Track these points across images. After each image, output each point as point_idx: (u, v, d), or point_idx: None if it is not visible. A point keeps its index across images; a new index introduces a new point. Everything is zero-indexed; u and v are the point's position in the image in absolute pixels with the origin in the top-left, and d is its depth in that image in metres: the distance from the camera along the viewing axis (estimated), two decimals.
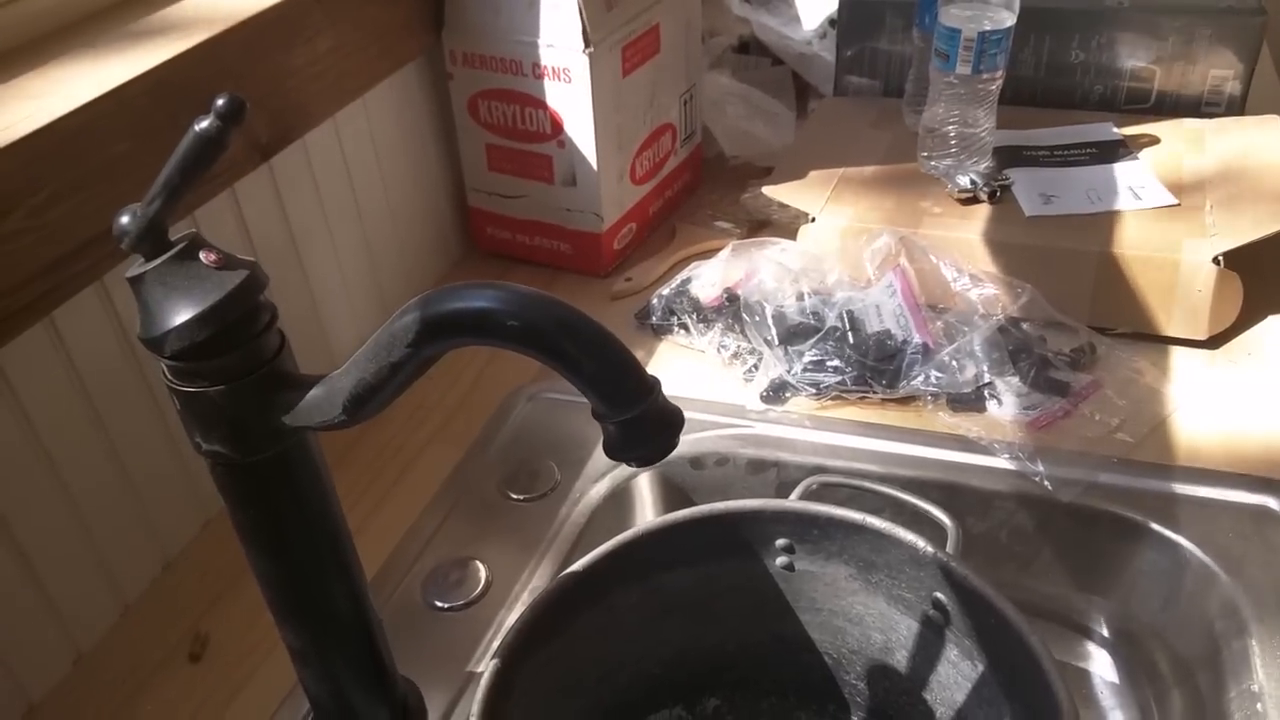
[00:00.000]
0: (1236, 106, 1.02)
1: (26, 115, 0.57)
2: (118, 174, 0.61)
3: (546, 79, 0.88)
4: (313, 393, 0.43)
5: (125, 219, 0.41)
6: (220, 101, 0.38)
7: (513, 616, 0.66)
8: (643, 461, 0.41)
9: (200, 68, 0.65)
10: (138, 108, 0.62)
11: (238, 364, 0.42)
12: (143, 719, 0.62)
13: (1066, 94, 1.05)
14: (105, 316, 0.64)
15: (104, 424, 0.65)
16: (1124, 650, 0.72)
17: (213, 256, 0.42)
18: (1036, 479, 0.71)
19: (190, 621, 0.68)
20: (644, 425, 0.40)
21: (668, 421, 0.40)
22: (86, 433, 0.65)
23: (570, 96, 0.88)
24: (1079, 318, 0.84)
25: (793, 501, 0.63)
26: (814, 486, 0.67)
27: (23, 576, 0.62)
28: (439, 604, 0.67)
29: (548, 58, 0.87)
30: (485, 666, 0.52)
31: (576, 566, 0.59)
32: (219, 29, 0.67)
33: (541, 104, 0.90)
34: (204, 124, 0.39)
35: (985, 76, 0.89)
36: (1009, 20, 0.87)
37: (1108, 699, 0.72)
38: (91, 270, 0.61)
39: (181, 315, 0.41)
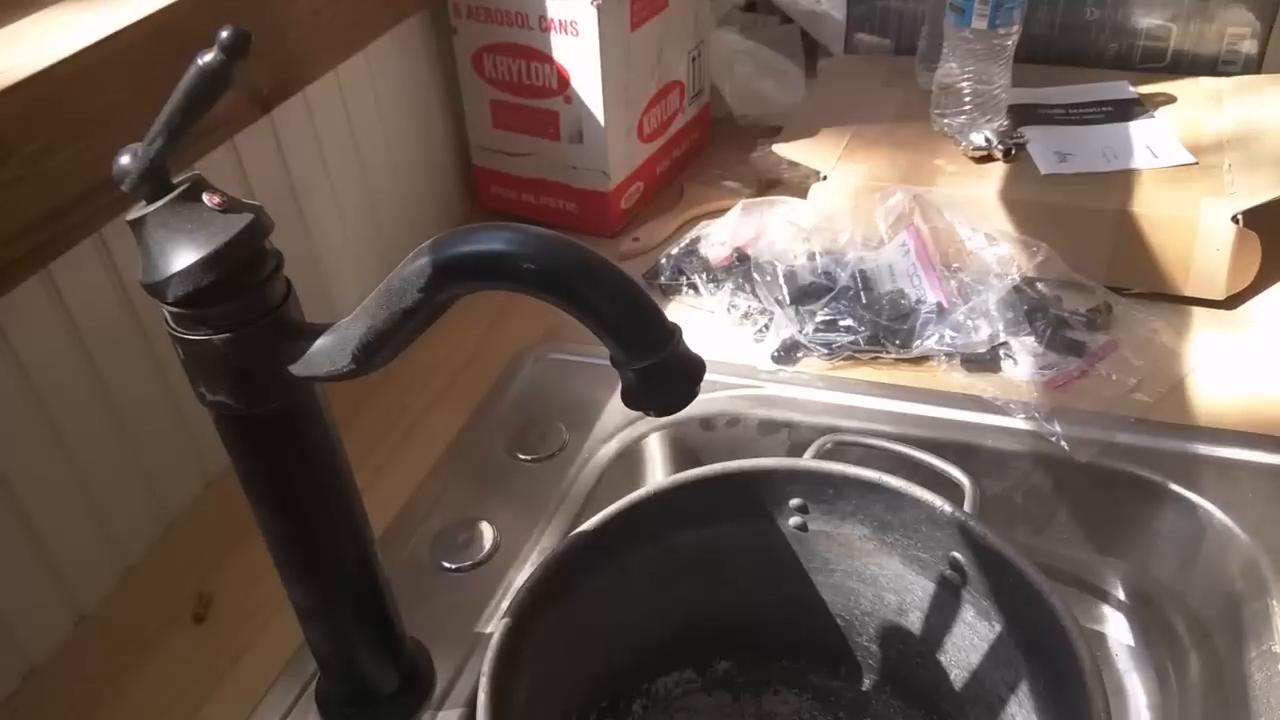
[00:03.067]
0: (1254, 65, 1.00)
1: (21, 61, 0.55)
2: (115, 122, 0.59)
3: (554, 32, 0.86)
4: (320, 341, 0.42)
5: (126, 159, 0.40)
6: (224, 34, 0.36)
7: (522, 577, 0.65)
8: (662, 411, 0.40)
9: (199, 14, 0.64)
10: (135, 55, 0.60)
11: (243, 311, 0.41)
12: (146, 680, 0.61)
13: (1081, 52, 1.04)
14: (103, 269, 0.63)
15: (103, 381, 0.64)
16: (1141, 613, 0.72)
17: (216, 199, 0.41)
18: (1053, 439, 0.70)
19: (193, 582, 0.67)
20: (664, 373, 0.38)
21: (689, 370, 0.39)
22: (85, 390, 0.63)
23: (578, 50, 0.86)
24: (1095, 277, 0.82)
25: (807, 460, 0.62)
26: (828, 445, 0.66)
27: (23, 536, 0.60)
28: (447, 565, 0.66)
29: (555, 10, 0.85)
30: (495, 626, 0.51)
31: (587, 526, 0.58)
32: None
33: (548, 58, 0.88)
34: (207, 58, 0.37)
35: (1001, 31, 0.87)
36: None
37: (1124, 662, 0.71)
38: (89, 221, 0.59)
39: (185, 259, 0.39)
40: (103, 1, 0.62)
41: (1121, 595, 0.72)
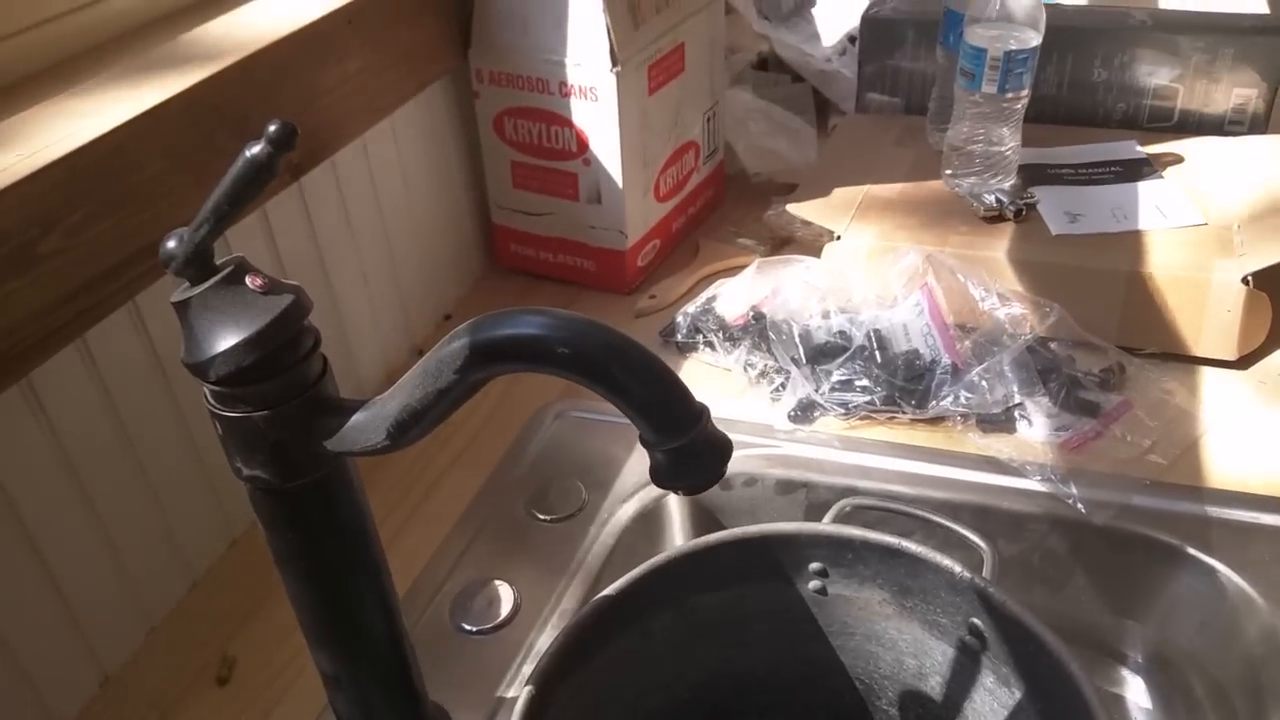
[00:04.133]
0: (1260, 125, 1.02)
1: (63, 135, 0.57)
2: (153, 194, 0.61)
3: (573, 97, 0.88)
4: (356, 417, 0.43)
5: (172, 243, 0.41)
6: (272, 128, 0.38)
7: (542, 639, 0.65)
8: (691, 490, 0.41)
9: (233, 88, 0.65)
10: (172, 128, 0.62)
11: (281, 389, 0.42)
12: None
13: (1089, 112, 1.05)
14: (136, 337, 0.64)
15: (132, 444, 0.65)
16: (1159, 675, 0.72)
17: (259, 281, 0.42)
18: (1069, 501, 0.71)
19: (217, 643, 0.67)
20: (693, 453, 0.39)
21: (717, 450, 0.40)
22: (115, 453, 0.64)
23: (597, 115, 0.88)
24: (1107, 337, 0.83)
25: (827, 525, 0.63)
26: (847, 509, 0.66)
27: (50, 596, 0.61)
28: (467, 627, 0.66)
29: (575, 76, 0.87)
30: (519, 693, 0.52)
31: (610, 590, 0.58)
32: (252, 50, 0.67)
33: (568, 122, 0.90)
34: (255, 150, 0.38)
35: (1011, 95, 0.89)
36: (1035, 40, 0.87)
37: None
38: (125, 290, 0.60)
39: (227, 340, 0.40)
40: (140, 76, 0.64)
41: (1139, 658, 0.73)
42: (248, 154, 0.38)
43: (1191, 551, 0.68)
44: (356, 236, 0.83)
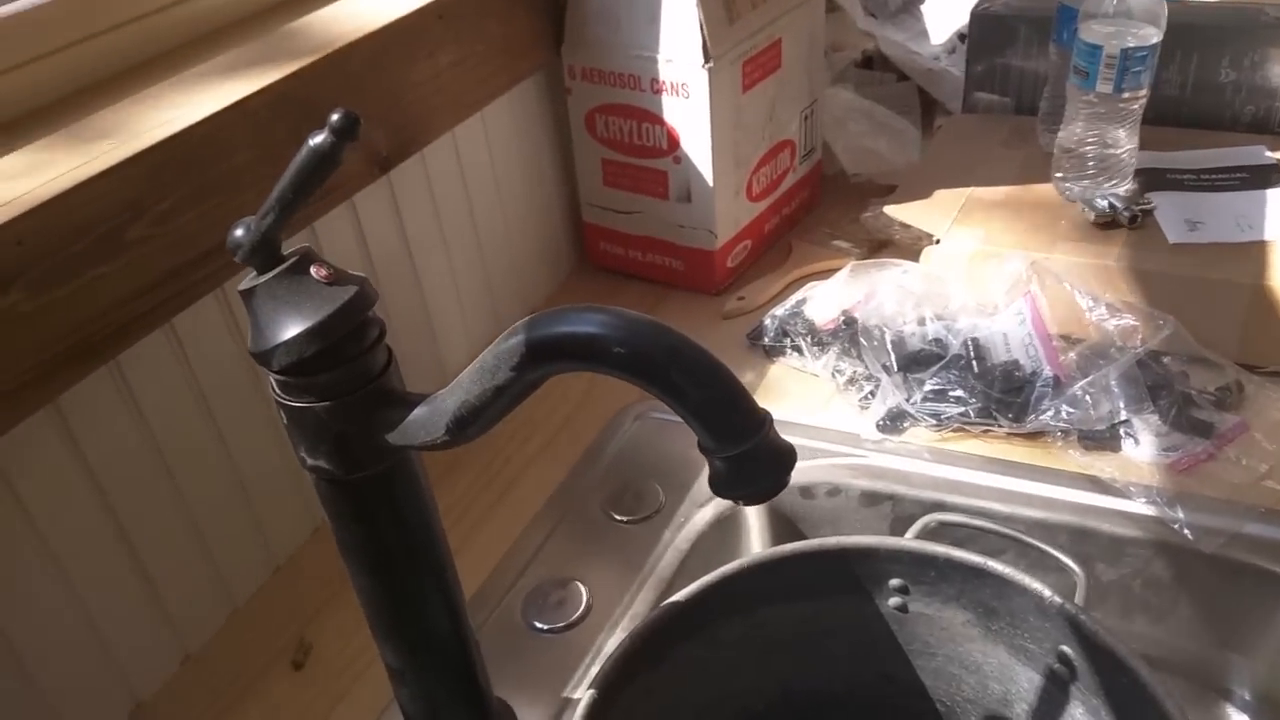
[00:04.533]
0: None
1: (155, 125, 0.58)
2: (240, 184, 0.62)
3: (665, 94, 0.87)
4: (417, 412, 0.42)
5: (240, 232, 0.41)
6: (335, 117, 0.37)
7: (612, 641, 0.64)
8: (750, 500, 0.39)
9: (322, 82, 0.66)
10: (261, 120, 0.62)
11: (344, 380, 0.42)
12: None
13: (1215, 115, 0.99)
14: (224, 323, 0.65)
15: (219, 429, 0.66)
16: (1268, 715, 0.67)
17: (323, 272, 0.41)
18: (1175, 526, 0.67)
19: (296, 628, 0.68)
20: (753, 462, 0.37)
21: (778, 459, 0.38)
22: (202, 437, 0.66)
23: (688, 112, 0.87)
24: (1226, 354, 0.78)
25: (909, 540, 0.60)
26: (932, 525, 0.64)
27: (136, 576, 0.63)
28: (539, 625, 0.66)
29: (667, 73, 0.85)
30: (582, 695, 0.51)
31: (679, 597, 0.57)
32: (342, 44, 0.68)
33: (659, 119, 0.88)
34: (318, 139, 0.38)
35: (1127, 95, 0.84)
36: (1155, 36, 0.82)
37: None
38: (212, 278, 0.61)
39: (290, 330, 0.40)
40: (232, 68, 0.65)
41: (1247, 695, 0.68)
42: (311, 143, 0.38)
43: None
44: (446, 232, 0.83)
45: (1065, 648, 0.55)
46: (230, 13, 0.73)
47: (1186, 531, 0.66)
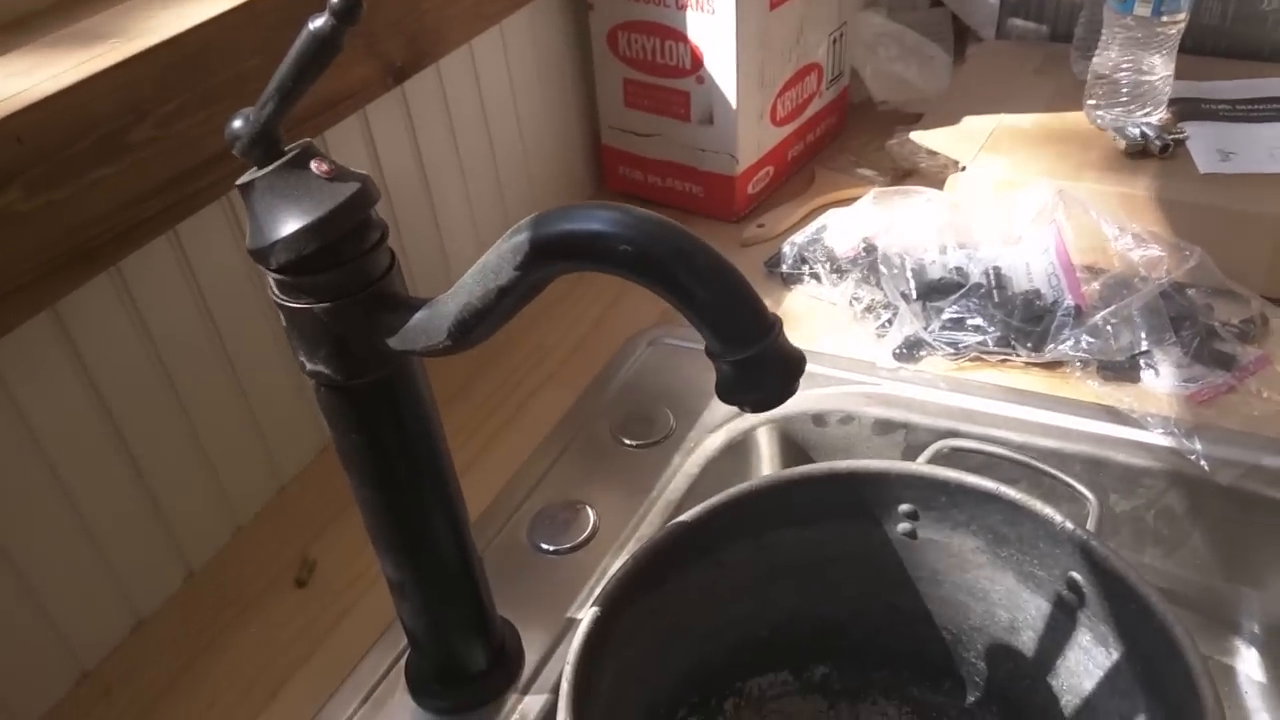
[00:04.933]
0: None
1: (162, 25, 0.57)
2: (247, 89, 0.60)
3: (690, 9, 0.84)
4: (418, 316, 0.41)
5: (238, 123, 0.40)
6: (334, 0, 0.36)
7: (618, 564, 0.64)
8: (758, 406, 0.38)
9: None
10: (268, 22, 0.61)
11: (344, 281, 0.41)
12: (247, 640, 0.63)
13: (1255, 45, 0.97)
14: (230, 233, 0.64)
15: (224, 343, 0.66)
16: (1275, 648, 0.66)
17: (324, 167, 0.40)
18: (1192, 458, 0.65)
19: (299, 547, 0.68)
20: (761, 366, 0.37)
21: (787, 364, 0.37)
22: (207, 350, 0.65)
23: (713, 29, 0.84)
24: (1253, 286, 0.76)
25: (920, 465, 0.59)
26: (945, 451, 0.63)
27: (138, 491, 0.63)
28: (544, 546, 0.65)
29: None
30: (585, 614, 0.51)
31: (685, 517, 0.56)
32: None
33: (683, 36, 0.86)
34: (318, 22, 0.37)
35: (1165, 19, 0.81)
36: None
37: (1254, 700, 0.67)
38: (218, 186, 0.60)
39: (289, 226, 0.39)
40: None
41: (1256, 628, 0.67)
42: (310, 26, 0.37)
43: None
44: (460, 149, 0.81)
45: (1075, 574, 0.54)
46: None
47: (1203, 463, 0.65)
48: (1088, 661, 0.55)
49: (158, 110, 0.56)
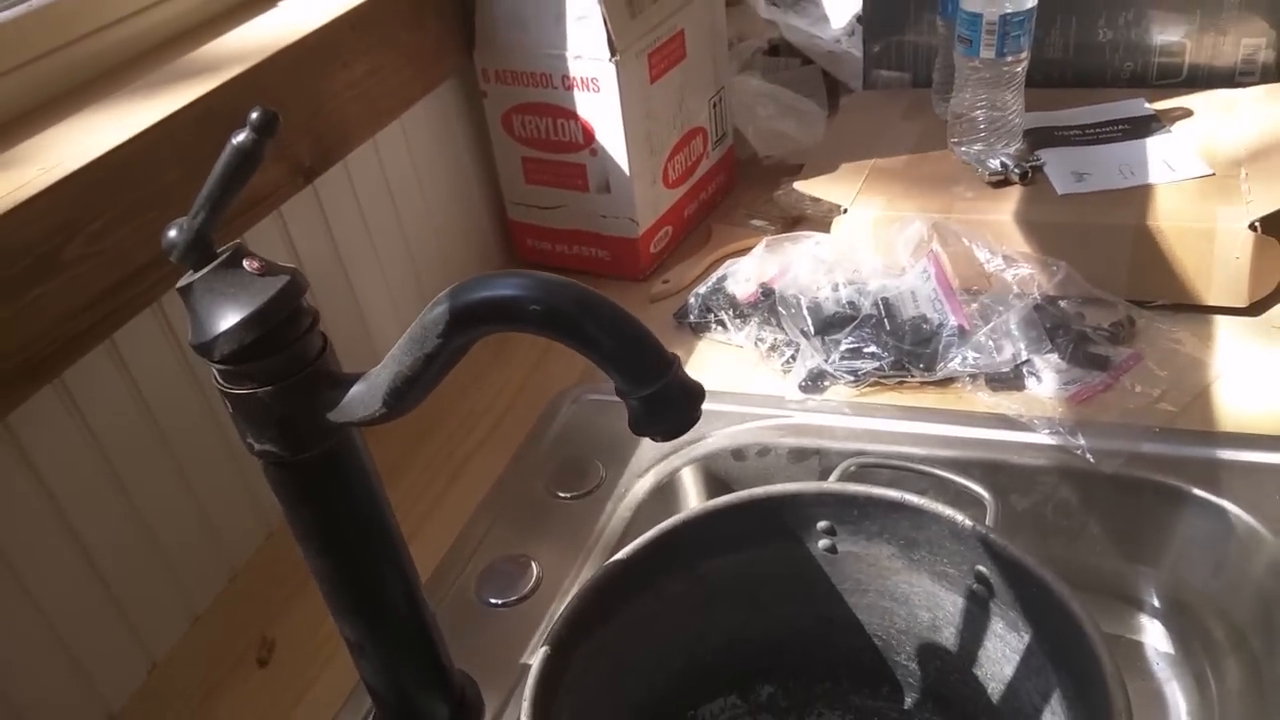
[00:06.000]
0: (1272, 74, 1.01)
1: (82, 148, 0.60)
2: (170, 200, 0.64)
3: (576, 90, 0.90)
4: (354, 389, 0.45)
5: (173, 232, 0.44)
6: (254, 115, 0.40)
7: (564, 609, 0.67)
8: (667, 435, 0.43)
9: (243, 95, 0.69)
10: (185, 136, 0.65)
11: (284, 365, 0.45)
12: None
13: (1097, 73, 1.05)
14: (163, 336, 0.67)
15: (167, 440, 0.68)
16: (1177, 620, 0.72)
17: (255, 264, 0.44)
18: (1079, 452, 0.71)
19: (257, 629, 0.70)
20: (666, 399, 0.41)
21: (689, 395, 0.42)
22: (151, 450, 0.68)
23: (600, 105, 0.90)
24: (1116, 292, 0.84)
25: (831, 483, 0.64)
26: (852, 468, 0.68)
27: (98, 591, 0.65)
28: (493, 600, 0.69)
29: (576, 69, 0.89)
30: (536, 655, 0.54)
31: (621, 554, 0.60)
32: (259, 58, 0.71)
33: (573, 114, 0.92)
34: (240, 138, 0.41)
35: (1010, 59, 0.89)
36: (1030, 1, 0.88)
37: (1163, 670, 0.72)
38: (149, 293, 0.64)
39: (229, 320, 0.43)
40: (155, 91, 0.67)
41: (1157, 603, 0.73)
42: (234, 142, 0.41)
43: (1199, 493, 0.68)
44: (374, 237, 0.86)
45: (981, 567, 0.58)
46: (146, 40, 0.75)
47: (1089, 455, 0.71)
48: (1004, 647, 0.60)
49: (87, 228, 0.59)
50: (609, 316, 0.40)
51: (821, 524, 0.63)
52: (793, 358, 0.83)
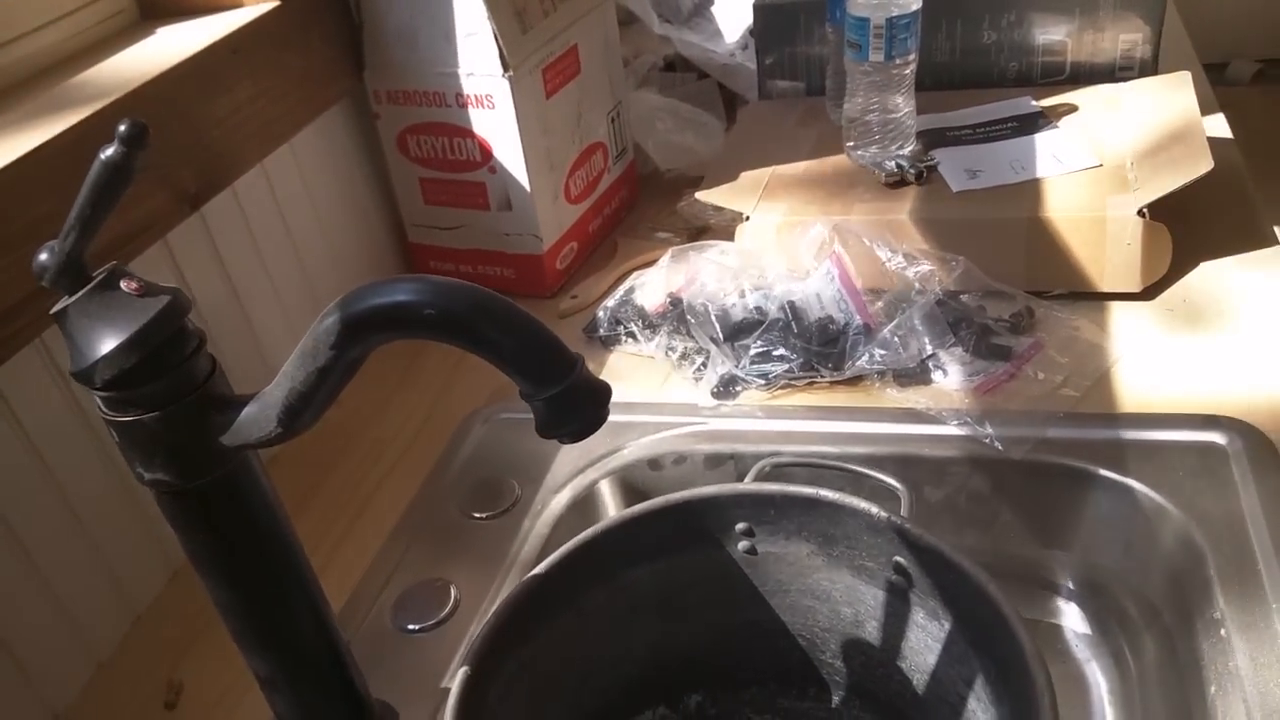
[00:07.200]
0: (1150, 68, 1.05)
1: None
2: (44, 233, 0.60)
3: (471, 107, 0.89)
4: (247, 410, 0.44)
5: (44, 255, 0.42)
6: (122, 127, 0.39)
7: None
8: (574, 436, 0.42)
9: (117, 121, 0.66)
10: (58, 167, 0.62)
11: (169, 389, 0.43)
12: None
13: (984, 74, 1.08)
14: (47, 373, 0.65)
15: (57, 482, 0.65)
16: (1092, 601, 0.73)
17: (134, 285, 0.43)
18: (987, 440, 0.72)
19: (164, 671, 0.67)
20: (571, 399, 0.40)
21: (595, 394, 0.41)
22: (42, 493, 0.65)
23: (496, 122, 0.89)
24: (1015, 284, 0.85)
25: (747, 484, 0.64)
26: (766, 469, 0.68)
27: None
28: (410, 626, 0.67)
29: (469, 86, 0.88)
30: (456, 676, 0.52)
31: (539, 569, 0.59)
32: (135, 85, 0.68)
33: (469, 133, 0.91)
34: (108, 152, 0.39)
35: (898, 61, 0.91)
36: (914, 4, 0.89)
37: (1081, 651, 0.73)
38: (29, 329, 0.61)
39: (107, 344, 0.41)
40: (27, 121, 0.65)
41: (1072, 585, 0.74)
42: (102, 156, 0.39)
43: (1105, 473, 0.69)
44: (268, 263, 0.83)
45: (899, 558, 0.59)
46: (18, 71, 0.72)
47: (997, 444, 0.72)
48: (926, 637, 0.60)
49: None
50: (506, 317, 0.39)
51: (740, 526, 0.63)
52: (704, 365, 0.83)
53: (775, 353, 0.81)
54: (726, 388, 0.81)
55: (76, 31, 0.78)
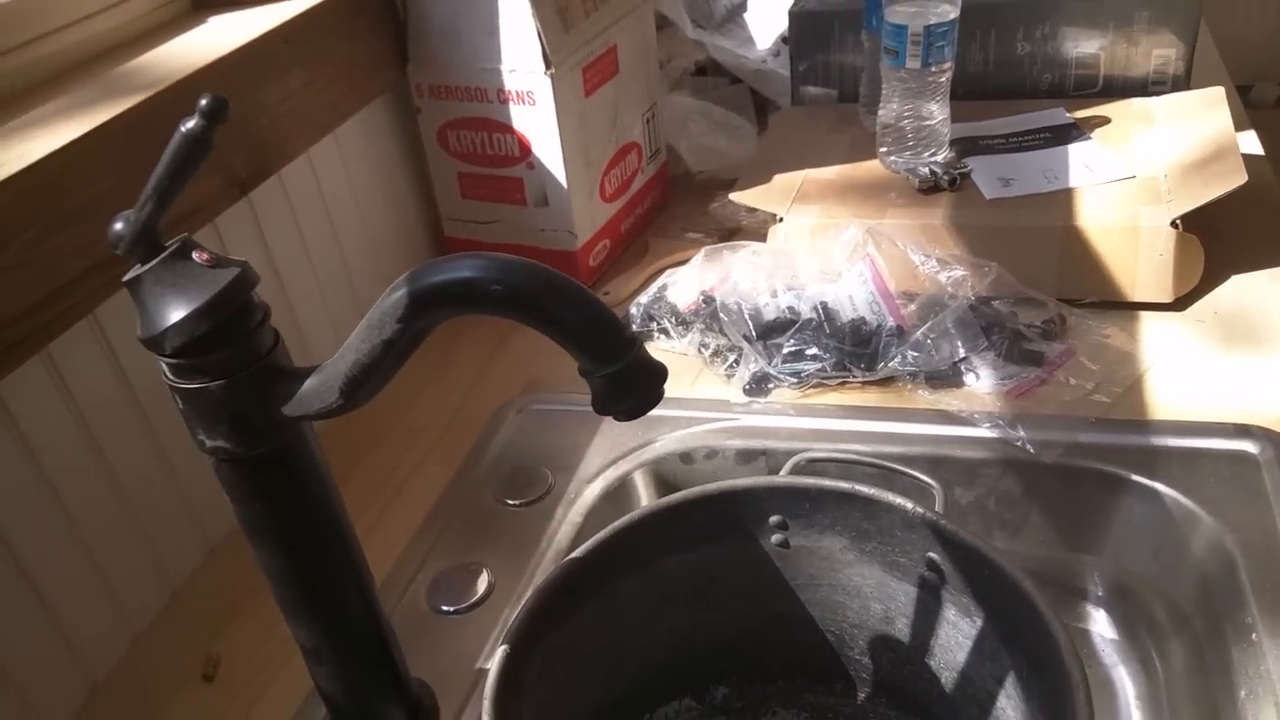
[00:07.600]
0: (1182, 83, 1.05)
1: (19, 154, 0.59)
2: (104, 208, 0.63)
3: (511, 103, 0.91)
4: (309, 381, 0.45)
5: (119, 225, 0.43)
6: (204, 101, 0.40)
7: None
8: (630, 414, 0.43)
9: (176, 106, 0.67)
10: (120, 145, 0.64)
11: (236, 358, 0.44)
12: None
13: (1017, 85, 1.09)
14: (100, 349, 0.66)
15: (104, 455, 0.67)
16: (1121, 606, 0.74)
17: (205, 256, 0.44)
18: (1019, 443, 0.73)
19: (201, 644, 0.68)
20: (629, 377, 0.41)
21: (652, 373, 0.42)
22: (87, 464, 0.66)
23: (536, 118, 0.91)
24: (1047, 291, 0.86)
25: (782, 477, 0.64)
26: (801, 463, 0.68)
27: (34, 610, 0.63)
28: (445, 608, 0.68)
29: (511, 82, 0.89)
30: (495, 654, 0.53)
31: (577, 553, 0.59)
32: (192, 70, 0.70)
33: (508, 128, 0.92)
34: (190, 124, 0.41)
35: (934, 69, 0.92)
36: (952, 13, 0.90)
37: (1109, 655, 0.73)
38: (85, 303, 0.62)
39: (179, 312, 0.42)
40: (90, 101, 0.66)
41: (1100, 591, 0.75)
42: (183, 129, 0.40)
43: (1137, 479, 0.70)
44: (310, 250, 0.85)
45: (932, 554, 0.59)
46: (79, 52, 0.74)
47: (1029, 446, 0.73)
48: (956, 634, 0.60)
49: (21, 236, 0.58)
50: (571, 295, 0.40)
51: (774, 519, 0.63)
52: (736, 362, 0.84)
53: (808, 352, 0.82)
54: (758, 385, 0.82)
55: (130, 19, 0.79)
